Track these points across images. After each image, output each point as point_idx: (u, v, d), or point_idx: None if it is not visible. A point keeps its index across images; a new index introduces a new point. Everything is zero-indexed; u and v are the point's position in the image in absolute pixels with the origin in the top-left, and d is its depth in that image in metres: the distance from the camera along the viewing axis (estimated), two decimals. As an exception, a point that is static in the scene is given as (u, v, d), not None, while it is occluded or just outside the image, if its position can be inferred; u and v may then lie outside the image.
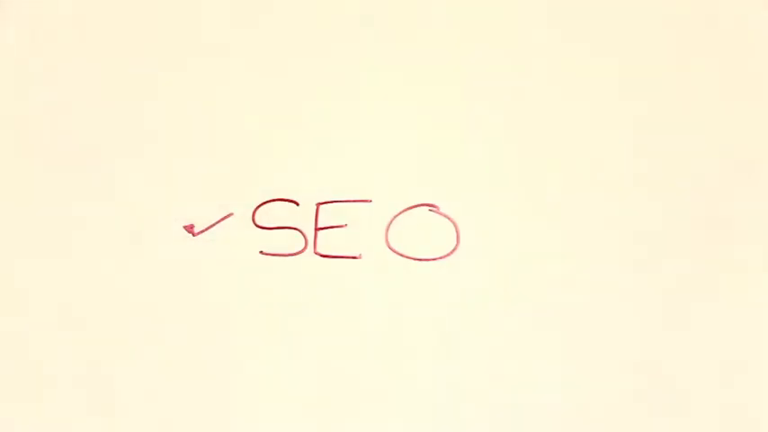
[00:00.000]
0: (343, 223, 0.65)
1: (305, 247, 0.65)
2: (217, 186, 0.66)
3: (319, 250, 0.65)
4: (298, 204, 0.66)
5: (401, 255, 0.65)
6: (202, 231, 0.65)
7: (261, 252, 0.65)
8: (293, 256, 0.65)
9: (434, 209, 0.65)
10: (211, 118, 0.67)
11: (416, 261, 0.65)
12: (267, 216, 0.66)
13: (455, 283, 0.64)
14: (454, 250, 0.65)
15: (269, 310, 0.64)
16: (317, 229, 0.65)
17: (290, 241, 0.65)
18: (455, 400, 0.62)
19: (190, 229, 0.65)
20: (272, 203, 0.66)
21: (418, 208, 0.65)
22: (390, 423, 0.62)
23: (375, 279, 0.64)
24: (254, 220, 0.66)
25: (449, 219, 0.65)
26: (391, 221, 0.65)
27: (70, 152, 0.67)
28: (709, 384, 0.62)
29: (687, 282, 0.63)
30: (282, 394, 0.62)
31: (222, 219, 0.65)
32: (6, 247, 0.65)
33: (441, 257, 0.64)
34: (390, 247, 0.65)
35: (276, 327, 0.64)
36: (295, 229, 0.65)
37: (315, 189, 0.66)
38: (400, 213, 0.65)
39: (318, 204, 0.66)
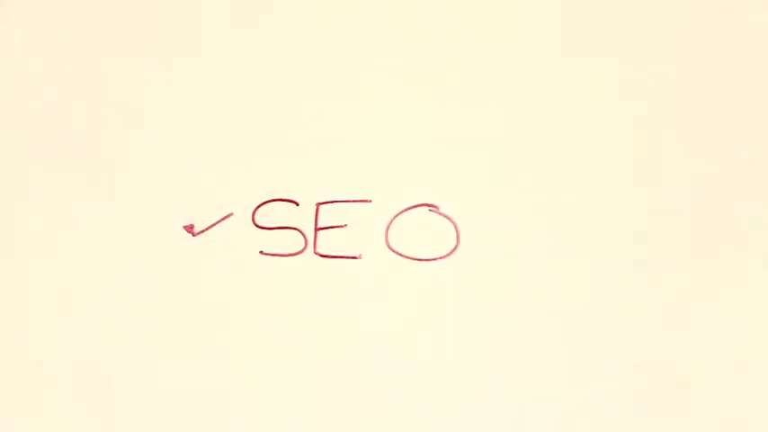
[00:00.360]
0: (343, 223, 0.65)
1: (305, 247, 0.65)
2: (217, 186, 0.66)
3: (319, 250, 0.65)
4: (298, 204, 0.66)
5: (401, 255, 0.65)
6: (202, 231, 0.65)
7: (261, 252, 0.65)
8: (293, 256, 0.65)
9: (434, 209, 0.65)
10: (211, 118, 0.67)
11: (416, 261, 0.64)
12: (267, 216, 0.66)
13: (455, 283, 0.64)
14: (454, 250, 0.65)
15: (269, 310, 0.64)
16: (316, 229, 0.65)
17: (290, 241, 0.65)
18: (455, 400, 0.62)
19: (190, 229, 0.65)
20: (272, 203, 0.66)
21: (418, 208, 0.65)
22: (390, 423, 0.62)
23: (375, 279, 0.64)
24: (254, 220, 0.65)
25: (449, 219, 0.65)
26: (391, 221, 0.65)
27: (70, 152, 0.67)
28: (709, 384, 0.62)
29: (687, 281, 0.63)
30: (282, 394, 0.62)
31: (222, 219, 0.65)
32: (6, 247, 0.65)
33: (441, 257, 0.64)
34: (390, 247, 0.65)
35: (276, 327, 0.63)
36: (295, 229, 0.65)
37: (315, 189, 0.66)
38: (400, 213, 0.65)
39: (318, 204, 0.66)
